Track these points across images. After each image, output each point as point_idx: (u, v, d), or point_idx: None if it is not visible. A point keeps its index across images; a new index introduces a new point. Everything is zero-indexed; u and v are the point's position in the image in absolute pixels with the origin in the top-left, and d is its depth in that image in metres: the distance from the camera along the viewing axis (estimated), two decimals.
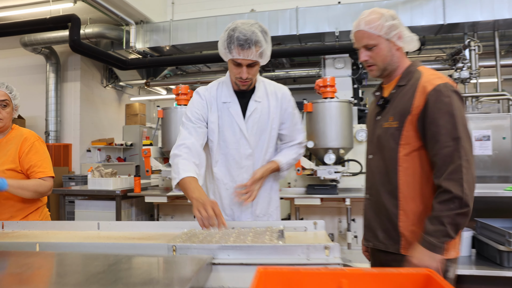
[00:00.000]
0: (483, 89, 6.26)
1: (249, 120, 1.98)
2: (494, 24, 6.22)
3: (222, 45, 1.81)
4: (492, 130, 4.32)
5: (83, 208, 4.45)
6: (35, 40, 7.14)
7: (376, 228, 1.69)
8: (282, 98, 2.05)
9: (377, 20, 1.60)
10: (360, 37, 1.65)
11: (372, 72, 1.70)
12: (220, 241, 1.54)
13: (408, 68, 1.67)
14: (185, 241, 1.53)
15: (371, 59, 1.66)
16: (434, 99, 1.49)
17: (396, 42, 1.62)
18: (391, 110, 1.65)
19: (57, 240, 1.66)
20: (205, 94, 2.01)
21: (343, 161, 3.98)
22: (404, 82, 1.64)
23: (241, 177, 1.99)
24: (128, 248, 1.42)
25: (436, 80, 1.54)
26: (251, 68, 1.85)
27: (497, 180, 4.27)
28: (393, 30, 1.61)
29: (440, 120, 1.47)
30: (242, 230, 1.73)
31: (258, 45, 1.76)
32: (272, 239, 1.55)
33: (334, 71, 6.87)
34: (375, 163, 1.71)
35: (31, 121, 7.79)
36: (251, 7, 7.11)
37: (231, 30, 1.78)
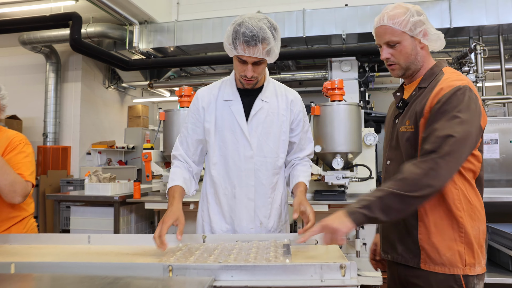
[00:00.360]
0: (487, 93, 6.23)
1: (253, 120, 1.83)
2: (498, 29, 6.30)
3: (227, 40, 1.69)
4: (500, 134, 4.33)
5: (79, 214, 4.28)
6: (34, 39, 7.02)
7: (394, 240, 1.57)
8: (293, 101, 1.92)
9: (402, 15, 1.49)
10: (383, 32, 1.54)
11: (394, 71, 1.59)
12: (219, 257, 1.39)
13: (432, 69, 1.56)
14: (180, 259, 1.36)
15: (393, 57, 1.55)
16: (445, 100, 1.40)
17: (422, 39, 1.52)
18: (409, 113, 1.54)
19: (39, 258, 1.50)
20: (203, 95, 1.91)
21: (351, 166, 3.85)
22: (425, 84, 1.53)
23: (241, 181, 1.83)
24: (118, 269, 1.26)
25: (455, 82, 1.43)
26: (257, 66, 1.72)
27: (505, 184, 4.26)
28: (419, 26, 1.50)
29: (442, 121, 1.38)
30: (243, 245, 1.58)
31: (265, 42, 1.64)
32: (278, 255, 1.41)
33: (340, 74, 6.81)
34: (393, 170, 1.57)
35: (28, 123, 7.67)
36: (258, 8, 7.03)
37: (238, 25, 1.65)
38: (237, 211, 1.84)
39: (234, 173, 1.83)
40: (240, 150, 1.82)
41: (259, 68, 1.73)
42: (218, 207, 1.89)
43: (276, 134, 1.85)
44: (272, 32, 1.67)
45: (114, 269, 1.25)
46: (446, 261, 1.41)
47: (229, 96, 1.86)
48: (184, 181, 1.84)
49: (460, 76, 1.48)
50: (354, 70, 6.88)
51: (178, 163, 1.91)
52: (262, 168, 1.83)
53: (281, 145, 1.87)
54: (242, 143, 1.82)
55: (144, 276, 1.21)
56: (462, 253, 1.41)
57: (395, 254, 1.55)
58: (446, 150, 1.33)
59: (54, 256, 1.54)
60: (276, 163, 1.86)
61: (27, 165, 2.04)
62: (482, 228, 1.47)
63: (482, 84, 5.97)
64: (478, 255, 1.43)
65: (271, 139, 1.84)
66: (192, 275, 1.22)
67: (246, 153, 1.82)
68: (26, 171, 2.02)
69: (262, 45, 1.64)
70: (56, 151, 7.36)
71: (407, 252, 1.51)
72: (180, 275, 1.22)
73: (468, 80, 1.47)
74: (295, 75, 7.74)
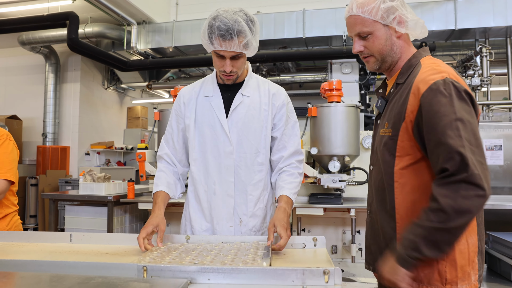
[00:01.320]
0: (493, 98, 6.10)
1: (233, 115, 1.79)
2: (506, 31, 6.11)
3: (204, 36, 1.65)
4: (504, 139, 4.23)
5: (74, 214, 4.25)
6: (33, 39, 7.02)
7: (376, 252, 1.44)
8: (275, 95, 1.86)
9: (371, 2, 1.34)
10: (353, 23, 1.39)
11: (368, 64, 1.45)
12: (197, 258, 1.35)
13: (409, 61, 1.40)
14: (156, 259, 1.31)
15: (367, 49, 1.40)
16: (429, 102, 1.22)
17: (397, 27, 1.36)
18: (387, 114, 1.40)
19: (17, 255, 1.47)
20: (185, 93, 1.90)
21: (348, 169, 3.79)
22: (402, 80, 1.38)
23: (221, 178, 1.78)
24: (92, 268, 1.22)
25: (432, 77, 1.25)
26: (235, 61, 1.69)
27: (509, 192, 4.15)
28: (391, 13, 1.34)
29: (439, 126, 1.18)
30: (224, 246, 1.53)
31: (241, 35, 1.60)
32: (256, 258, 1.34)
33: (341, 76, 6.75)
34: (374, 176, 1.46)
35: (28, 123, 7.67)
36: (257, 9, 6.99)
37: (212, 19, 1.62)
38: (216, 208, 1.79)
39: (213, 169, 1.79)
40: (220, 145, 1.78)
41: (237, 63, 1.70)
42: (198, 205, 1.84)
43: (257, 129, 1.80)
44: (248, 24, 1.62)
45: (88, 268, 1.22)
46: (423, 278, 1.27)
47: (210, 92, 1.83)
48: (168, 185, 1.83)
49: (439, 67, 1.30)
50: (355, 73, 6.82)
51: (164, 166, 1.90)
52: (242, 164, 1.79)
53: (262, 140, 1.81)
54: (221, 138, 1.78)
55: (117, 276, 1.16)
56: (442, 271, 1.26)
57: (377, 266, 1.41)
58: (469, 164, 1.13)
59: (33, 254, 1.52)
60: (257, 159, 1.81)
61: (6, 161, 2.01)
62: (472, 240, 1.29)
63: (487, 89, 5.87)
64: (464, 272, 1.26)
65: (251, 134, 1.79)
66: (168, 276, 1.17)
67: (226, 149, 1.78)
68: (5, 168, 1.99)
69: (239, 38, 1.60)
70: (55, 151, 7.34)
71: None
72: (155, 276, 1.17)
73: (448, 69, 1.30)
74: (294, 77, 7.68)
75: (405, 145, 1.30)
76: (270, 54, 6.66)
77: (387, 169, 1.35)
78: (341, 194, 3.83)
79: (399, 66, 1.42)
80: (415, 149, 1.29)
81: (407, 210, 1.31)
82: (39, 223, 6.87)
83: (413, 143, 1.29)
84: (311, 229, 4.04)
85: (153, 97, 9.94)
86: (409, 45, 1.43)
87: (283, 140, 1.85)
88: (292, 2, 6.93)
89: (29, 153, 7.62)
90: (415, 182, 1.30)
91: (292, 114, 1.90)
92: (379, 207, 1.40)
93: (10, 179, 2.01)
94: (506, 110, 6.21)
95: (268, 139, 1.84)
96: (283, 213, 1.65)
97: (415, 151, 1.29)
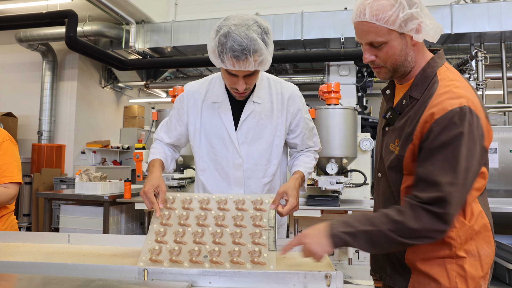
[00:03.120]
0: (488, 101, 6.15)
1: (244, 125, 1.69)
2: (501, 36, 6.20)
3: (212, 52, 1.48)
4: (499, 143, 4.26)
5: (69, 213, 4.22)
6: (31, 36, 6.97)
7: (384, 261, 1.42)
8: (290, 99, 1.74)
9: (388, 9, 1.18)
10: (364, 31, 1.23)
11: (379, 74, 1.33)
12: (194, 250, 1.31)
13: (424, 71, 1.27)
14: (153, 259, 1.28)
15: (378, 59, 1.27)
16: (439, 130, 1.14)
17: (414, 36, 1.22)
18: (398, 129, 1.30)
19: (14, 257, 1.44)
20: (189, 94, 1.78)
21: (346, 171, 3.79)
22: (417, 94, 1.26)
23: (231, 189, 1.73)
24: (92, 270, 1.20)
25: (449, 102, 1.15)
26: (249, 78, 1.55)
27: (504, 195, 4.22)
28: (410, 21, 1.19)
29: (439, 157, 1.15)
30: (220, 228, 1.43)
31: (257, 54, 1.43)
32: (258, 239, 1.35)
33: (338, 78, 6.79)
34: (382, 185, 1.42)
35: (24, 120, 7.62)
36: (256, 10, 7.00)
37: (223, 36, 1.42)
38: None
39: (223, 180, 1.74)
40: (229, 157, 1.71)
41: (251, 79, 1.56)
42: None
43: (268, 140, 1.71)
44: (264, 39, 1.45)
45: (88, 270, 1.20)
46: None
47: (218, 97, 1.71)
48: (165, 156, 1.81)
49: (458, 89, 1.18)
50: (352, 75, 6.85)
51: (159, 142, 1.88)
52: (253, 177, 1.72)
53: (274, 150, 1.73)
54: (230, 150, 1.70)
55: (117, 279, 1.15)
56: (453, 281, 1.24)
57: (384, 274, 1.42)
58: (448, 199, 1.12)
59: (30, 255, 1.49)
60: (268, 170, 1.74)
61: (13, 164, 2.00)
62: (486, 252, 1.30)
63: (482, 92, 5.92)
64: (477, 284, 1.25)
65: (262, 145, 1.70)
66: (168, 279, 1.16)
67: (235, 161, 1.70)
68: (14, 172, 1.99)
69: (254, 57, 1.43)
70: (50, 149, 7.29)
71: (395, 273, 1.36)
72: (156, 279, 1.16)
73: (468, 92, 1.19)
74: (292, 79, 7.69)
75: (411, 166, 1.26)
76: None
77: (394, 185, 1.33)
78: (338, 196, 3.82)
79: (413, 74, 1.31)
80: None
81: None
82: (33, 222, 6.81)
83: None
84: None
85: (150, 96, 9.91)
86: (424, 50, 1.31)
87: (305, 144, 1.83)
88: (291, 4, 6.96)
89: (24, 151, 7.57)
90: None
91: (308, 116, 1.81)
92: None
93: (20, 180, 2.01)
94: (501, 113, 6.27)
95: (280, 148, 1.75)
96: (295, 181, 1.62)
97: None
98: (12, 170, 1.98)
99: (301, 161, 1.79)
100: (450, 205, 1.12)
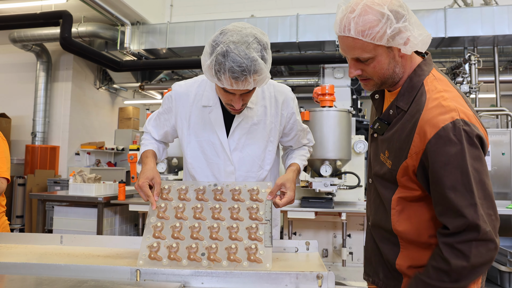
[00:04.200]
0: (481, 105, 6.24)
1: (235, 132, 1.64)
2: (494, 40, 6.29)
3: (209, 70, 1.37)
4: (492, 146, 4.30)
5: (63, 215, 4.20)
6: (25, 37, 6.94)
7: (377, 264, 1.41)
8: (284, 103, 1.70)
9: (375, 25, 1.11)
10: (350, 46, 1.17)
11: (367, 86, 1.28)
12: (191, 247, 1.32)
13: (411, 80, 1.22)
14: (152, 257, 1.29)
15: (365, 72, 1.22)
16: (437, 151, 1.09)
17: (402, 49, 1.16)
18: (386, 141, 1.27)
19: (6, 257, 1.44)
20: (177, 97, 1.70)
21: (340, 173, 3.80)
22: (404, 105, 1.22)
23: None
24: (85, 271, 1.20)
25: (440, 118, 1.10)
26: (246, 95, 1.48)
27: (496, 197, 4.25)
28: (399, 35, 1.13)
29: (448, 180, 1.09)
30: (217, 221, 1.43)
31: (257, 74, 1.35)
32: (254, 234, 1.36)
33: (333, 80, 6.82)
34: (373, 192, 1.40)
35: (17, 121, 7.57)
36: (251, 12, 7.01)
37: (221, 56, 1.32)
38: None
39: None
40: (220, 164, 1.66)
41: (248, 96, 1.50)
42: None
43: (260, 146, 1.67)
44: (263, 56, 1.37)
45: (80, 271, 1.21)
46: None
47: (208, 101, 1.64)
48: (158, 147, 1.80)
49: (447, 102, 1.14)
50: (347, 77, 6.88)
51: (149, 134, 1.85)
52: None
53: (267, 156, 1.69)
54: (222, 157, 1.66)
55: (110, 280, 1.15)
56: None
57: (377, 278, 1.40)
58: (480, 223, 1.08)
59: (22, 256, 1.48)
60: (260, 176, 1.71)
61: (2, 160, 1.98)
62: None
63: (475, 95, 5.99)
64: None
65: (255, 151, 1.66)
66: (161, 280, 1.17)
67: (227, 168, 1.66)
68: (3, 167, 1.96)
69: (253, 77, 1.35)
70: (44, 150, 7.25)
71: (387, 278, 1.34)
72: (148, 280, 1.17)
73: (458, 103, 1.15)
74: (287, 81, 7.72)
75: (404, 181, 1.23)
76: None
77: (385, 195, 1.30)
78: (332, 198, 3.83)
79: (401, 83, 1.26)
80: (415, 187, 1.22)
81: (406, 232, 1.27)
82: (26, 224, 6.76)
83: (413, 183, 1.22)
84: (302, 233, 4.05)
85: (145, 97, 9.89)
86: (411, 56, 1.25)
87: (299, 143, 1.85)
88: (286, 7, 6.99)
89: (17, 152, 7.52)
90: (413, 212, 1.25)
91: (299, 118, 1.78)
92: (379, 224, 1.36)
93: (8, 177, 1.99)
94: (493, 117, 6.32)
95: (273, 154, 1.72)
96: (293, 174, 1.64)
97: (415, 189, 1.22)
98: (1, 166, 1.97)
99: (296, 154, 1.80)
100: (479, 227, 1.07)
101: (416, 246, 1.26)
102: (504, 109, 5.97)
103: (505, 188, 4.25)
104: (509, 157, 4.24)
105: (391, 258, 1.31)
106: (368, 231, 1.47)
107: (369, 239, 1.47)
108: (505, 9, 5.97)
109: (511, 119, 5.93)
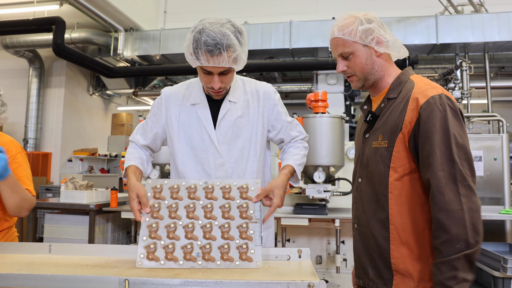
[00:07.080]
0: (472, 110, 6.31)
1: (221, 124, 1.72)
2: (484, 46, 6.39)
3: (188, 50, 1.54)
4: (484, 151, 4.31)
5: (54, 222, 4.15)
6: (17, 43, 6.92)
7: (366, 264, 1.46)
8: (265, 94, 1.80)
9: (350, 25, 1.42)
10: (335, 45, 1.47)
11: (352, 83, 1.52)
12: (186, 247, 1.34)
13: (399, 78, 1.47)
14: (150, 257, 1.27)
15: (349, 68, 1.48)
16: (428, 114, 1.30)
17: (376, 48, 1.43)
18: (380, 127, 1.44)
19: None
20: (166, 98, 1.81)
21: (333, 179, 3.80)
22: (394, 94, 1.44)
23: None
24: (71, 281, 1.18)
25: (430, 91, 1.34)
26: (224, 76, 1.60)
27: (489, 202, 4.24)
28: (370, 34, 1.42)
29: (435, 138, 1.28)
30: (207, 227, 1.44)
31: (230, 49, 1.50)
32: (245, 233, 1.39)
33: (326, 87, 6.84)
34: (364, 189, 1.48)
35: (9, 127, 7.51)
36: (245, 19, 7.04)
37: (198, 33, 1.51)
38: None
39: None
40: (210, 158, 1.72)
41: (226, 78, 1.61)
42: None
43: (247, 137, 1.75)
44: (237, 37, 1.53)
45: (67, 281, 1.18)
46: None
47: (196, 99, 1.75)
48: (141, 161, 1.79)
49: (432, 83, 1.40)
50: (340, 84, 6.92)
51: (134, 145, 1.86)
52: (234, 175, 1.74)
53: (253, 147, 1.76)
54: (211, 150, 1.72)
55: None
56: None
57: (367, 279, 1.45)
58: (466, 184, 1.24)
59: (9, 266, 1.45)
60: (248, 167, 1.76)
61: (29, 177, 1.95)
62: None
63: (467, 101, 6.06)
64: None
65: (241, 143, 1.74)
66: None
67: (216, 161, 1.72)
68: (30, 185, 1.93)
69: (227, 53, 1.50)
70: (36, 157, 7.19)
71: (378, 278, 1.40)
72: None
73: (440, 86, 1.40)
74: (281, 87, 7.74)
75: (400, 155, 1.35)
76: (257, 64, 6.71)
77: (382, 180, 1.39)
78: (325, 204, 3.83)
79: (386, 84, 1.49)
80: (408, 160, 1.35)
81: (402, 220, 1.35)
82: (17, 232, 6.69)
83: (407, 154, 1.34)
84: (296, 240, 4.04)
85: (139, 104, 9.87)
86: (391, 63, 1.51)
87: (289, 135, 1.85)
88: (280, 14, 7.03)
89: None
90: (409, 192, 1.35)
91: (284, 110, 1.85)
92: (371, 219, 1.42)
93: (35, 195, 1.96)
94: (485, 122, 6.38)
95: (259, 145, 1.78)
96: (284, 178, 1.67)
97: (408, 162, 1.35)
98: (29, 184, 1.93)
99: (289, 154, 1.82)
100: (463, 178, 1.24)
101: (411, 234, 1.34)
102: (496, 114, 6.00)
103: (497, 194, 4.26)
104: (501, 162, 4.26)
105: (385, 252, 1.37)
106: (356, 233, 1.53)
107: (357, 241, 1.52)
108: (494, 16, 6.06)
109: (502, 125, 5.98)
